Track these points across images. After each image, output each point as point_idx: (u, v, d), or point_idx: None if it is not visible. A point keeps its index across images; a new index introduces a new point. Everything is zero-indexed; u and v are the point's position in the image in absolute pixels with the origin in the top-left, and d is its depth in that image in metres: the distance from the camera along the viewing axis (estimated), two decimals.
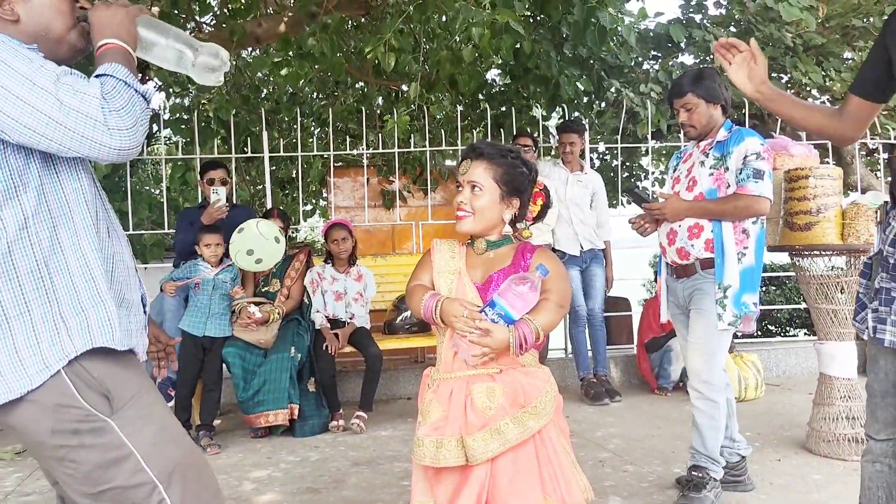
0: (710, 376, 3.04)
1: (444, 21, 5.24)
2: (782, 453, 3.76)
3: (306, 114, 8.10)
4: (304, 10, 5.51)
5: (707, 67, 3.21)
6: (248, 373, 4.42)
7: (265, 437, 4.42)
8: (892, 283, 1.90)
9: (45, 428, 1.44)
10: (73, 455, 1.45)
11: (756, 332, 9.17)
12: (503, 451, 1.86)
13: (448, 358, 1.99)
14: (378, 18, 6.36)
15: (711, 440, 3.06)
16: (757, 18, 7.07)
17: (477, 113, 7.39)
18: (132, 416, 1.49)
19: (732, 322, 2.98)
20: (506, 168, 2.04)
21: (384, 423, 4.66)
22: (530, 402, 1.91)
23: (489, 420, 1.88)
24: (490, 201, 2.03)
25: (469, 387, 1.93)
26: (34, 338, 1.43)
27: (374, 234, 7.02)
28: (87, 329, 1.46)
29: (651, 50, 7.72)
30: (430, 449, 1.90)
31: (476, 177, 2.03)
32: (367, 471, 3.69)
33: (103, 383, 1.48)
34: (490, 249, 2.08)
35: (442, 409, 1.94)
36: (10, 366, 1.42)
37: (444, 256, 2.08)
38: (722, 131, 3.12)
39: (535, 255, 2.05)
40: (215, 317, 4.44)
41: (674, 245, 3.13)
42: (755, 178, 2.96)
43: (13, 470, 3.88)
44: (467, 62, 4.99)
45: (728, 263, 2.99)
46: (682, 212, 3.07)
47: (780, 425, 4.34)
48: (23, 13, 1.54)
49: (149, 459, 1.47)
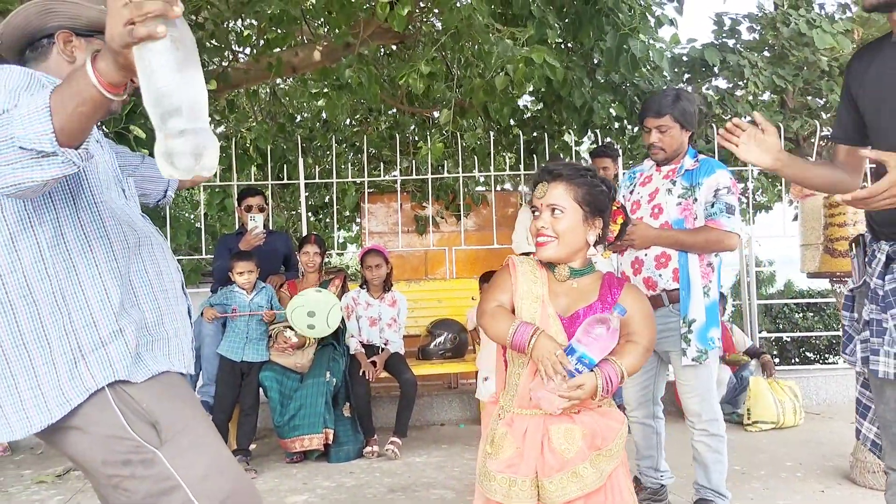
0: (710, 414, 2.99)
1: (477, 49, 5.31)
2: (826, 484, 3.68)
3: (340, 141, 8.22)
4: (339, 41, 5.61)
5: (685, 91, 3.15)
6: (284, 397, 4.46)
7: (300, 463, 4.43)
8: (883, 315, 1.88)
9: (97, 458, 1.48)
10: (126, 484, 1.48)
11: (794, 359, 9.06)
12: (579, 496, 1.79)
13: (525, 393, 1.91)
14: (411, 47, 6.46)
15: (717, 474, 3.00)
16: (791, 43, 7.04)
17: (509, 139, 7.44)
18: (183, 447, 1.51)
19: (697, 358, 2.91)
20: (587, 187, 1.92)
21: (418, 450, 4.65)
22: (606, 445, 1.84)
23: (567, 463, 1.80)
24: (573, 223, 1.91)
25: (547, 426, 1.86)
26: (54, 371, 1.46)
27: (406, 260, 7.07)
28: (109, 363, 1.49)
29: (684, 74, 7.72)
30: (502, 485, 1.83)
31: (556, 199, 1.91)
32: (403, 497, 3.68)
33: (152, 413, 1.50)
34: (573, 277, 1.95)
35: (516, 446, 1.86)
36: (33, 399, 1.46)
37: (526, 279, 1.95)
38: (688, 159, 3.02)
39: (624, 291, 1.94)
40: (253, 342, 4.49)
41: (640, 275, 3.02)
42: (727, 213, 2.87)
43: (55, 493, 3.94)
44: (500, 90, 5.04)
45: (694, 297, 2.91)
46: (650, 239, 2.90)
47: (822, 455, 4.24)
48: (80, 59, 1.62)
49: (198, 492, 1.48)
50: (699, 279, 2.93)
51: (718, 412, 3.04)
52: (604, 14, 5.51)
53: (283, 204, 9.57)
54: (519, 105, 7.38)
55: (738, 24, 7.58)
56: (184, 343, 1.68)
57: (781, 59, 7.23)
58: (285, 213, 9.71)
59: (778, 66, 7.04)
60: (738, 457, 4.24)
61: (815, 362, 9.10)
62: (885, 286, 1.88)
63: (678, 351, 2.96)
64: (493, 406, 2.03)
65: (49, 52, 1.62)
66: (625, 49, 5.44)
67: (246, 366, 4.45)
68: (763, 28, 7.45)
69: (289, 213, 9.72)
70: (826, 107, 7.65)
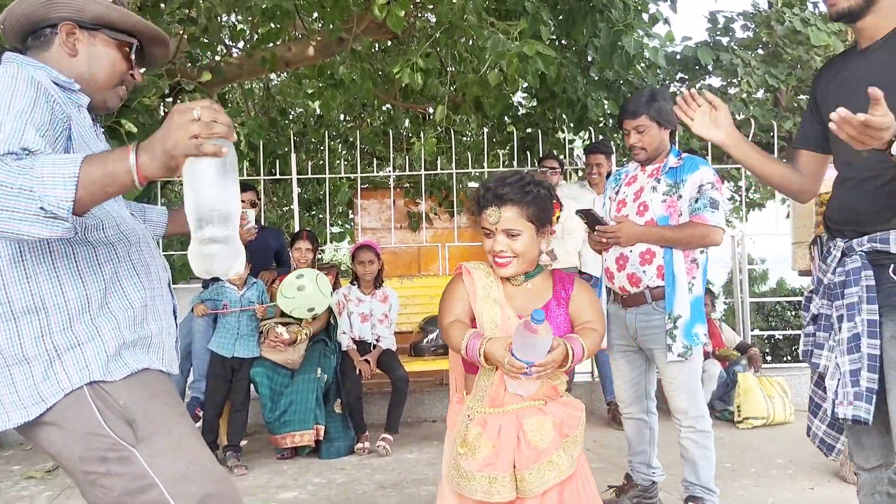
0: (697, 410, 3.01)
1: (471, 45, 5.29)
2: (815, 481, 3.69)
3: (333, 136, 8.18)
4: (333, 36, 5.59)
5: (660, 89, 3.16)
6: (275, 393, 4.44)
7: (291, 459, 4.42)
8: (830, 310, 1.91)
9: (75, 454, 1.47)
10: (102, 481, 1.47)
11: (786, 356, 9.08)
12: (557, 482, 1.89)
13: (497, 393, 1.97)
14: (405, 42, 6.44)
15: (705, 470, 3.01)
16: (785, 41, 7.05)
17: (503, 135, 7.43)
18: (161, 448, 1.49)
19: (682, 353, 2.92)
20: (536, 204, 2.01)
21: (410, 446, 4.65)
22: (572, 432, 1.96)
23: (543, 453, 1.90)
24: (530, 241, 2.01)
25: (520, 421, 1.94)
26: (28, 372, 1.46)
27: (400, 256, 7.05)
28: (85, 363, 1.48)
29: (678, 72, 7.72)
30: (482, 484, 1.90)
31: (510, 223, 1.99)
32: (394, 494, 3.67)
33: (129, 411, 1.49)
34: (528, 280, 2.07)
35: (492, 445, 1.93)
36: (8, 397, 1.47)
37: (482, 283, 2.04)
38: (671, 157, 3.03)
39: (575, 286, 2.08)
40: (244, 338, 4.47)
41: (623, 271, 3.01)
42: (712, 208, 2.89)
43: (44, 488, 3.92)
44: (493, 86, 5.03)
45: (679, 293, 2.92)
46: (636, 236, 2.94)
47: (812, 452, 4.24)
48: (82, 52, 1.64)
49: (174, 493, 1.47)
50: (684, 275, 2.93)
51: (705, 409, 3.05)
52: (597, 11, 5.49)
53: (276, 199, 9.54)
54: (513, 101, 7.37)
55: (732, 22, 7.58)
56: (167, 342, 1.67)
57: (775, 58, 7.23)
58: (278, 210, 9.68)
59: (772, 64, 7.04)
60: (729, 454, 4.25)
61: None
62: (835, 279, 1.90)
63: (663, 348, 2.96)
64: (459, 406, 2.07)
65: (51, 42, 1.62)
66: (619, 46, 5.43)
67: (237, 362, 4.43)
68: (757, 26, 7.45)
69: (281, 209, 9.69)
70: None
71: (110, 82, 1.68)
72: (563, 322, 2.03)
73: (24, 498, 3.76)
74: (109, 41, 1.67)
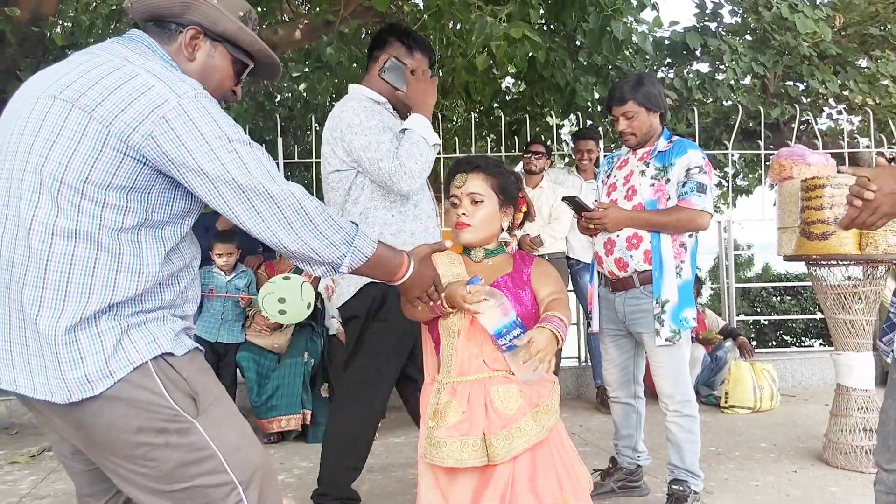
0: (683, 395, 3.03)
1: (459, 29, 5.25)
2: (799, 465, 3.73)
3: (321, 120, 8.11)
4: (320, 19, 5.54)
5: (647, 74, 3.18)
6: (261, 377, 4.43)
7: (278, 443, 4.42)
8: None
9: (132, 425, 1.43)
10: (155, 454, 1.45)
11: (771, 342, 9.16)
12: (526, 448, 1.90)
13: (462, 360, 2.01)
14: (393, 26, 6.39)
15: (690, 454, 3.03)
16: (772, 27, 7.05)
17: (491, 120, 7.41)
18: (217, 418, 1.52)
19: (670, 338, 2.93)
20: (502, 177, 2.11)
21: (396, 430, 4.65)
22: (543, 401, 1.97)
23: (510, 420, 1.91)
24: (492, 211, 2.09)
25: (487, 388, 1.97)
26: (100, 345, 1.42)
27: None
28: (154, 338, 1.48)
29: (666, 57, 7.71)
30: (453, 449, 1.91)
31: (475, 188, 2.08)
32: (381, 477, 3.68)
33: (192, 384, 1.51)
34: (488, 257, 2.13)
35: (462, 411, 1.95)
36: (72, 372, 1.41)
37: (443, 263, 2.10)
38: (662, 141, 3.03)
39: (535, 263, 2.14)
40: (228, 323, 4.45)
41: (611, 255, 3.03)
42: (699, 192, 2.89)
43: (28, 473, 3.90)
44: (481, 70, 5.00)
45: (666, 277, 2.93)
46: (622, 221, 2.96)
47: (796, 437, 4.30)
48: (199, 60, 1.63)
49: (232, 462, 1.50)
50: (671, 259, 2.94)
51: (691, 393, 3.06)
52: None
53: None
54: (501, 86, 7.34)
55: (721, 8, 7.58)
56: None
57: (763, 44, 7.24)
58: None
59: (759, 50, 7.04)
60: (714, 438, 4.28)
61: (792, 345, 9.21)
62: None
63: (651, 332, 2.97)
64: (431, 385, 2.11)
65: (175, 38, 1.61)
66: (607, 31, 5.41)
67: (222, 347, 4.42)
68: (745, 12, 7.45)
69: None
70: (806, 92, 7.68)
71: (215, 95, 1.66)
72: (527, 298, 2.06)
73: (9, 482, 3.74)
74: (227, 56, 1.67)
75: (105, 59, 1.48)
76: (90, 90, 1.42)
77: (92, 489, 1.66)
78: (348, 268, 1.57)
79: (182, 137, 1.42)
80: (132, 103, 1.41)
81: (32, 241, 1.41)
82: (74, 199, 1.41)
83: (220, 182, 1.44)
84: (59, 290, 1.41)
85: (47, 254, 1.41)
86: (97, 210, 1.42)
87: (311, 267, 1.57)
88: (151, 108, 1.41)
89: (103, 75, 1.44)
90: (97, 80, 1.43)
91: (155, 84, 1.43)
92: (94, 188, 1.41)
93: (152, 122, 1.40)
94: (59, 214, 1.40)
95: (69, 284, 1.41)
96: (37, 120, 1.44)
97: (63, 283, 1.41)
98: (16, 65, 5.32)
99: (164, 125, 1.41)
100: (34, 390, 1.44)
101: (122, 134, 1.40)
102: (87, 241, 1.42)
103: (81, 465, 1.63)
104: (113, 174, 1.42)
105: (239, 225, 1.48)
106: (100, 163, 1.41)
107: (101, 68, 1.45)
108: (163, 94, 1.42)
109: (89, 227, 1.42)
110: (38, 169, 1.41)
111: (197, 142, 1.42)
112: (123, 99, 1.41)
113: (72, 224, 1.41)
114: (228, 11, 1.62)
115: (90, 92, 1.42)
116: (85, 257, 1.42)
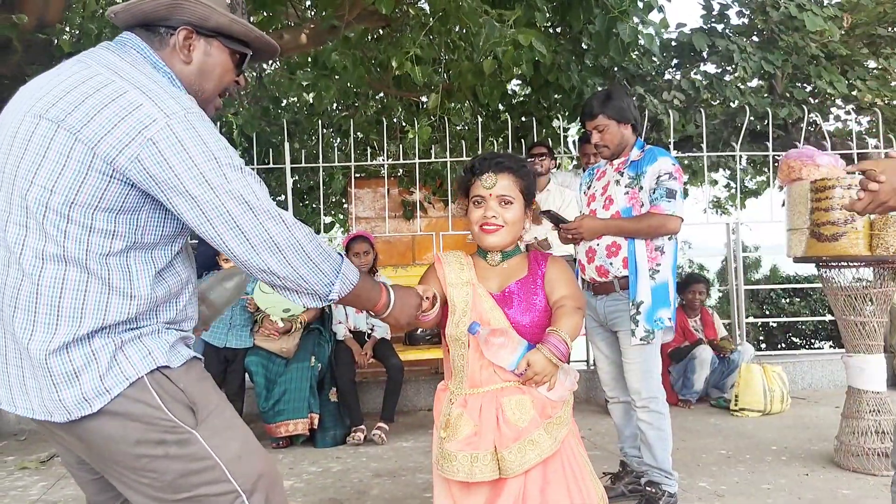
0: (650, 391, 3.09)
1: (465, 33, 5.24)
2: (810, 467, 3.70)
3: (327, 125, 8.13)
4: (325, 23, 5.54)
5: (616, 87, 3.26)
6: (269, 382, 4.44)
7: (286, 448, 4.42)
8: None
9: (131, 438, 1.43)
10: (155, 465, 1.44)
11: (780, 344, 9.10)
12: (538, 462, 1.88)
13: (473, 372, 1.98)
14: (398, 30, 6.40)
15: (661, 451, 3.08)
16: (780, 28, 7.02)
17: (497, 123, 7.40)
18: (217, 427, 1.50)
19: (644, 337, 3.02)
20: (528, 179, 2.07)
21: (405, 435, 4.65)
22: (556, 412, 1.94)
23: (523, 432, 1.89)
24: (520, 213, 2.04)
25: (499, 400, 1.94)
26: (94, 364, 1.41)
27: (394, 245, 7.03)
28: (149, 352, 1.46)
29: (673, 59, 7.69)
30: (464, 464, 1.90)
31: (505, 190, 2.02)
32: (390, 482, 3.67)
33: (189, 394, 1.49)
34: (505, 260, 2.08)
35: (473, 424, 1.93)
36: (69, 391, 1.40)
37: (452, 268, 2.07)
38: (635, 150, 3.16)
39: (549, 263, 2.08)
40: (237, 328, 4.46)
41: (593, 263, 3.15)
42: (668, 198, 3.00)
43: (38, 479, 3.91)
44: (488, 74, 4.99)
45: (640, 280, 3.03)
46: (597, 230, 3.10)
47: (807, 439, 4.27)
48: (196, 60, 1.58)
49: (234, 470, 1.49)
50: (646, 263, 3.04)
51: (659, 390, 3.11)
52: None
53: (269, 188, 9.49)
54: (507, 89, 7.33)
55: (728, 9, 7.55)
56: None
57: (771, 44, 7.20)
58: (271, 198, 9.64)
59: (767, 50, 7.01)
60: (725, 441, 4.26)
61: (802, 347, 9.14)
62: None
63: (627, 331, 3.07)
64: (444, 393, 2.09)
65: (166, 42, 1.56)
66: (614, 33, 5.40)
67: (230, 352, 4.43)
68: (752, 12, 7.42)
69: (275, 199, 9.65)
70: (814, 92, 7.64)
71: (216, 91, 1.64)
72: (540, 302, 2.02)
73: (19, 488, 3.74)
74: (224, 49, 1.62)
75: (94, 73, 1.43)
76: (76, 110, 1.38)
77: (100, 497, 1.65)
78: (338, 295, 1.55)
79: (169, 160, 1.37)
80: (118, 124, 1.36)
81: (24, 264, 1.39)
82: (60, 225, 1.38)
83: (208, 206, 1.39)
84: (51, 313, 1.39)
85: (38, 276, 1.39)
86: (84, 235, 1.39)
87: (298, 296, 1.52)
88: (139, 129, 1.36)
89: (90, 93, 1.39)
90: (84, 99, 1.39)
91: (143, 103, 1.38)
92: (80, 211, 1.38)
93: (139, 145, 1.36)
94: (46, 240, 1.39)
95: (61, 308, 1.39)
96: (23, 140, 1.41)
97: (55, 307, 1.39)
98: (21, 71, 5.33)
99: (151, 147, 1.36)
100: (33, 411, 1.44)
101: (107, 157, 1.36)
102: (76, 266, 1.40)
103: (88, 474, 1.63)
104: (99, 197, 1.39)
105: (226, 252, 1.45)
106: (86, 186, 1.37)
107: (88, 84, 1.41)
108: (151, 114, 1.38)
109: (76, 253, 1.39)
110: (24, 194, 1.39)
111: (185, 164, 1.37)
112: (110, 119, 1.37)
113: (59, 250, 1.39)
114: (216, 5, 1.57)
115: (76, 112, 1.38)
116: (76, 280, 1.40)
